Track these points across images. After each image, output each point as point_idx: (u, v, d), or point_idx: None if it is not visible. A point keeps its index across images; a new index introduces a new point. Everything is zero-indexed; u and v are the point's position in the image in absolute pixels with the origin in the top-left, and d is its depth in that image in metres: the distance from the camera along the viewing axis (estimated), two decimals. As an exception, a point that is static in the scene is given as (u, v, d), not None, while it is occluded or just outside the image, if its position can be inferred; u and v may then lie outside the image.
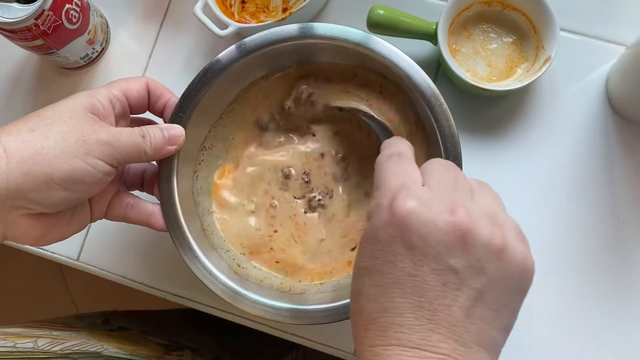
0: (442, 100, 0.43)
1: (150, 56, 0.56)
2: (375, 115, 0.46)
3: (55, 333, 0.50)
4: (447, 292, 0.29)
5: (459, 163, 0.42)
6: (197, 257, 0.43)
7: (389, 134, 0.45)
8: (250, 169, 0.50)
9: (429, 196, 0.31)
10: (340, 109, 0.48)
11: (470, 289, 0.29)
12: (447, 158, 0.42)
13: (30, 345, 0.46)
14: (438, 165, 0.34)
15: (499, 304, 0.30)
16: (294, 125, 0.50)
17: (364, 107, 0.47)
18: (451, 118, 0.42)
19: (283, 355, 0.69)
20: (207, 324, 0.54)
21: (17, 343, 0.45)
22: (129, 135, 0.40)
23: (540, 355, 0.49)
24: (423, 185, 0.32)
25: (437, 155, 0.43)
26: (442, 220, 0.30)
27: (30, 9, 0.46)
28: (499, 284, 0.30)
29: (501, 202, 0.33)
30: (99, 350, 0.49)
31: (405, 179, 0.33)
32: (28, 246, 0.53)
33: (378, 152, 0.37)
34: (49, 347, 0.46)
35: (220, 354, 0.67)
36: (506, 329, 0.31)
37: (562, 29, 0.52)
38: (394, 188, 0.32)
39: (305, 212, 0.49)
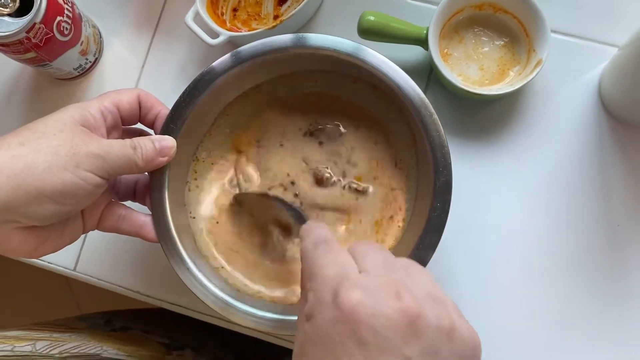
0: (432, 110, 0.42)
1: (143, 66, 0.57)
2: (287, 201, 0.45)
3: (55, 335, 0.50)
4: None
5: (449, 173, 0.42)
6: (188, 268, 0.43)
7: (302, 219, 0.42)
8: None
9: (369, 283, 0.30)
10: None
11: None
12: (437, 168, 0.42)
13: (29, 348, 0.45)
14: (367, 248, 0.33)
15: None
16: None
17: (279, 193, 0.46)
18: (441, 128, 0.42)
19: (286, 354, 0.69)
20: (209, 322, 0.54)
21: (15, 346, 0.45)
22: (119, 148, 0.40)
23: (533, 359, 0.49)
24: (359, 272, 0.31)
25: (427, 166, 0.43)
26: (389, 307, 0.28)
27: (21, 22, 0.47)
28: None
29: (434, 279, 0.32)
30: (98, 352, 0.49)
31: (341, 267, 0.31)
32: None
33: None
34: (48, 350, 0.46)
35: (222, 352, 0.67)
36: None
37: (555, 31, 0.52)
38: (332, 279, 0.30)
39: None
